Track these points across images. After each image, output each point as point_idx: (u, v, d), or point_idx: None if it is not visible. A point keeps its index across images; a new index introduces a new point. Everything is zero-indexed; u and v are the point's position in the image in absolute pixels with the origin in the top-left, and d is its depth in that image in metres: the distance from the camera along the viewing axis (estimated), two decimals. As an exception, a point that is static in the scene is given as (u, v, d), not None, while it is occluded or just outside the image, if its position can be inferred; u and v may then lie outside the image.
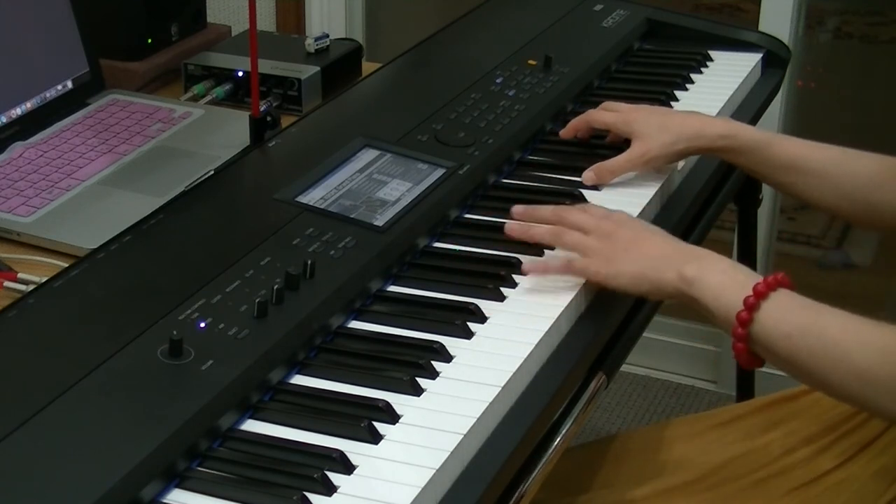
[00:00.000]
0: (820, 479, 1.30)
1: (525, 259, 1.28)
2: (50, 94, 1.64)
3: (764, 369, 2.26)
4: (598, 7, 1.93)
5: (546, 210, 1.31)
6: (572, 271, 1.24)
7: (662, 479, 1.36)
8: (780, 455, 1.33)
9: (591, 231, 1.26)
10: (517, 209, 1.32)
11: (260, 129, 1.53)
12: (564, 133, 1.53)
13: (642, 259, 1.22)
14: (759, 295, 1.13)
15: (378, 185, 1.37)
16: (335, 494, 0.96)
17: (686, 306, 1.20)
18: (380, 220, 1.30)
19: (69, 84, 1.67)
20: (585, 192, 1.44)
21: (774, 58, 1.89)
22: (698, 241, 1.57)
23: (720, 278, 1.17)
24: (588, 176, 1.45)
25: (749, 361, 1.15)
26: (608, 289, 1.24)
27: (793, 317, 1.12)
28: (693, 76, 1.79)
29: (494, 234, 1.35)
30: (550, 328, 1.18)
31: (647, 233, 1.26)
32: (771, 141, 1.42)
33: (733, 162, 1.47)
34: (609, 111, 1.51)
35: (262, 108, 1.54)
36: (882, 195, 1.35)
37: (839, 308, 1.12)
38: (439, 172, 1.41)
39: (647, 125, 1.45)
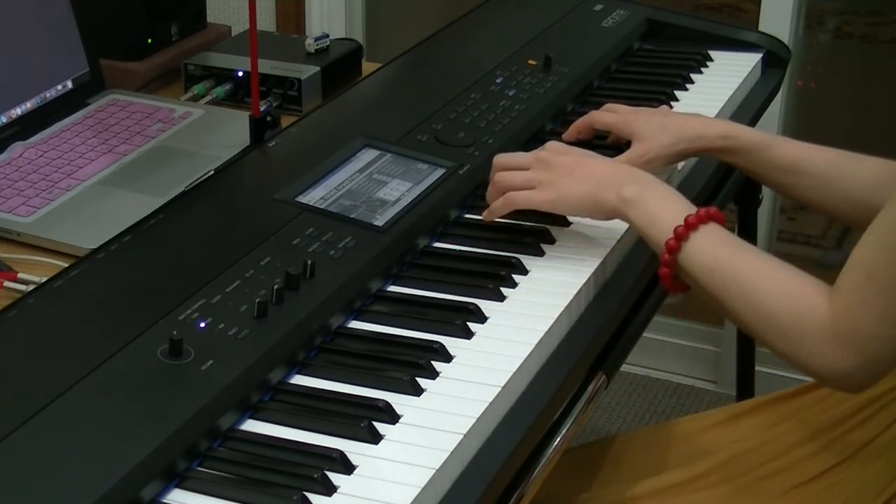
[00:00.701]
0: (820, 477, 1.30)
1: (525, 259, 1.28)
2: (50, 94, 1.64)
3: (763, 369, 2.26)
4: (598, 7, 1.93)
5: (491, 181, 1.35)
6: (517, 202, 1.30)
7: (663, 476, 1.36)
8: (779, 453, 1.33)
9: (530, 165, 1.31)
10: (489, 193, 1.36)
11: (260, 129, 1.53)
12: (567, 135, 1.53)
13: (586, 181, 1.27)
14: (690, 226, 1.18)
15: (378, 185, 1.37)
16: (335, 494, 0.96)
17: (625, 222, 1.26)
18: (380, 220, 1.30)
19: (69, 84, 1.67)
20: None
21: (774, 58, 1.89)
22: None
23: (657, 204, 1.22)
24: None
25: (672, 286, 1.22)
26: (557, 213, 1.31)
27: (715, 251, 1.17)
28: (693, 76, 1.79)
29: (494, 234, 1.35)
30: (550, 328, 1.18)
31: (588, 157, 1.31)
32: (771, 143, 1.42)
33: (733, 163, 1.47)
34: (610, 112, 1.52)
35: (262, 108, 1.54)
36: (881, 198, 1.35)
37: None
38: (439, 172, 1.41)
39: (647, 126, 1.46)
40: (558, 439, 1.16)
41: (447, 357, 1.13)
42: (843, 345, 1.08)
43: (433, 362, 1.12)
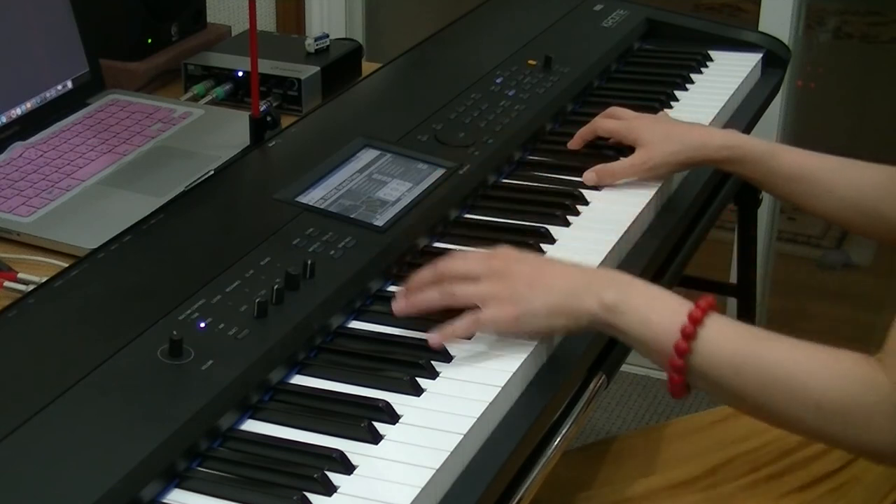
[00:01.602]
0: (822, 480, 1.30)
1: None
2: (50, 94, 1.64)
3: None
4: (598, 7, 1.93)
5: (425, 273, 1.17)
6: (481, 325, 1.12)
7: (663, 476, 1.36)
8: (782, 454, 1.33)
9: (481, 276, 1.14)
10: (399, 292, 1.19)
11: (260, 129, 1.53)
12: (572, 144, 1.53)
13: (551, 292, 1.11)
14: (696, 321, 1.05)
15: (378, 185, 1.37)
16: (335, 494, 0.96)
17: (606, 333, 1.13)
18: (380, 220, 1.30)
19: (69, 84, 1.67)
20: (585, 192, 1.44)
21: (774, 58, 1.89)
22: (698, 242, 1.57)
23: (646, 305, 1.09)
24: (589, 176, 1.45)
25: (681, 392, 1.09)
26: (521, 334, 1.13)
27: (733, 345, 1.05)
28: (693, 76, 1.79)
29: (494, 234, 1.35)
30: (550, 328, 1.18)
31: (545, 262, 1.17)
32: (773, 152, 1.42)
33: (736, 173, 1.47)
34: (614, 118, 1.51)
35: (262, 108, 1.54)
36: (886, 205, 1.35)
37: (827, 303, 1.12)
38: (439, 172, 1.41)
39: (651, 133, 1.46)
40: (558, 439, 1.16)
41: (447, 357, 1.13)
42: None
43: (433, 362, 1.12)
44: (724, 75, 1.81)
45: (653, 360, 1.10)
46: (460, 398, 1.07)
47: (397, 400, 1.07)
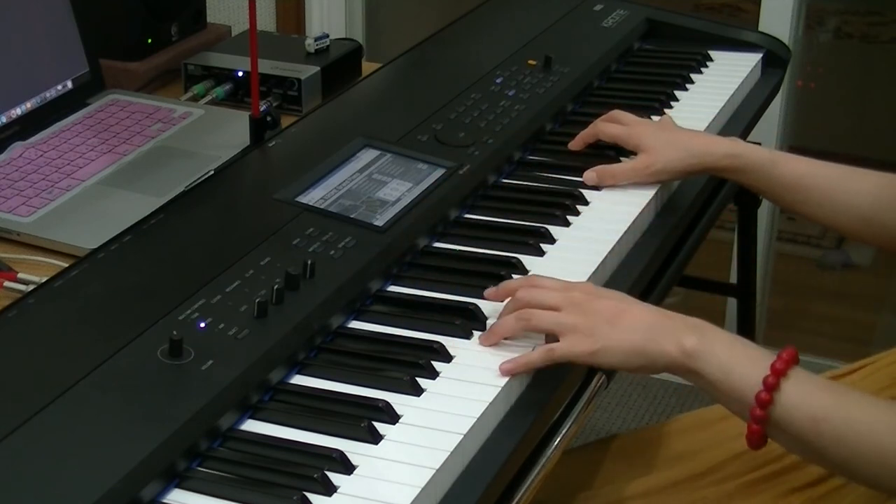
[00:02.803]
0: (824, 480, 1.29)
1: (525, 259, 1.28)
2: (50, 94, 1.64)
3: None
4: (598, 7, 1.93)
5: (505, 309, 1.17)
6: (556, 357, 1.12)
7: (663, 474, 1.36)
8: (782, 454, 1.33)
9: (561, 306, 1.13)
10: (484, 335, 1.17)
11: (260, 129, 1.53)
12: (573, 145, 1.53)
13: (632, 331, 1.11)
14: (778, 373, 1.06)
15: (378, 185, 1.37)
16: (335, 494, 0.96)
17: (682, 378, 1.12)
18: (380, 220, 1.30)
19: (69, 84, 1.67)
20: (585, 192, 1.44)
21: (774, 58, 1.89)
22: (698, 242, 1.57)
23: (728, 352, 1.09)
24: (589, 176, 1.45)
25: (760, 442, 1.09)
26: (595, 367, 1.15)
27: (816, 399, 1.05)
28: (693, 76, 1.79)
29: (494, 234, 1.35)
30: (550, 328, 1.18)
31: (626, 302, 1.15)
32: (774, 160, 1.42)
33: (738, 181, 1.46)
34: (616, 123, 1.51)
35: (262, 108, 1.54)
36: (887, 213, 1.35)
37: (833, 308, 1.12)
38: (439, 172, 1.41)
39: (654, 139, 1.46)
40: (558, 439, 1.16)
41: (447, 357, 1.13)
42: None
43: (433, 362, 1.12)
44: (724, 75, 1.81)
45: (731, 410, 1.10)
46: (460, 398, 1.07)
47: (397, 400, 1.07)
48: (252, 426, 1.04)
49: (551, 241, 1.34)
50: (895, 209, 1.34)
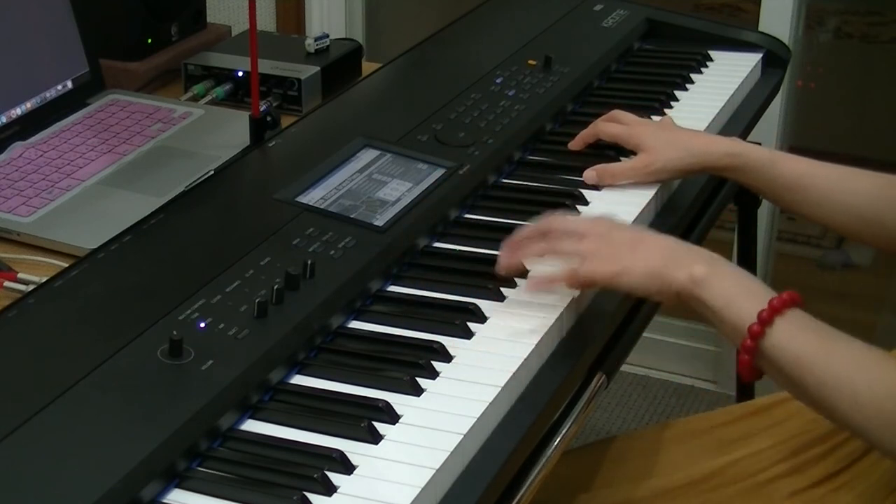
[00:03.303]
0: (822, 483, 1.29)
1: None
2: (50, 94, 1.64)
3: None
4: (598, 7, 1.93)
5: (529, 228, 1.25)
6: (580, 277, 1.20)
7: (663, 479, 1.36)
8: (782, 458, 1.33)
9: (585, 234, 1.21)
10: (504, 244, 1.26)
11: (260, 129, 1.53)
12: (573, 145, 1.53)
13: (651, 257, 1.18)
14: (775, 310, 1.10)
15: (378, 185, 1.37)
16: (335, 494, 0.96)
17: (687, 308, 1.17)
18: (380, 220, 1.30)
19: (69, 84, 1.67)
20: (585, 192, 1.44)
21: (774, 58, 1.89)
22: (698, 242, 1.57)
23: (732, 284, 1.14)
24: (589, 174, 1.46)
25: (750, 374, 1.13)
26: (616, 289, 1.21)
27: (804, 339, 1.10)
28: (693, 76, 1.79)
29: (494, 234, 1.35)
30: (550, 328, 1.18)
31: (646, 233, 1.24)
32: (775, 160, 1.42)
33: (738, 181, 1.47)
34: (616, 122, 1.51)
35: (262, 108, 1.54)
36: (886, 213, 1.35)
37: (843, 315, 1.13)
38: (439, 172, 1.41)
39: (654, 139, 1.46)
40: (558, 439, 1.16)
41: (447, 357, 1.13)
42: None
43: (433, 362, 1.12)
44: (724, 75, 1.81)
45: (728, 339, 1.16)
46: (460, 398, 1.07)
47: (397, 400, 1.07)
48: (252, 426, 1.04)
49: (551, 241, 1.34)
50: (894, 209, 1.34)
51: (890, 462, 1.27)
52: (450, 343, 1.15)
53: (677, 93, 1.73)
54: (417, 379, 1.09)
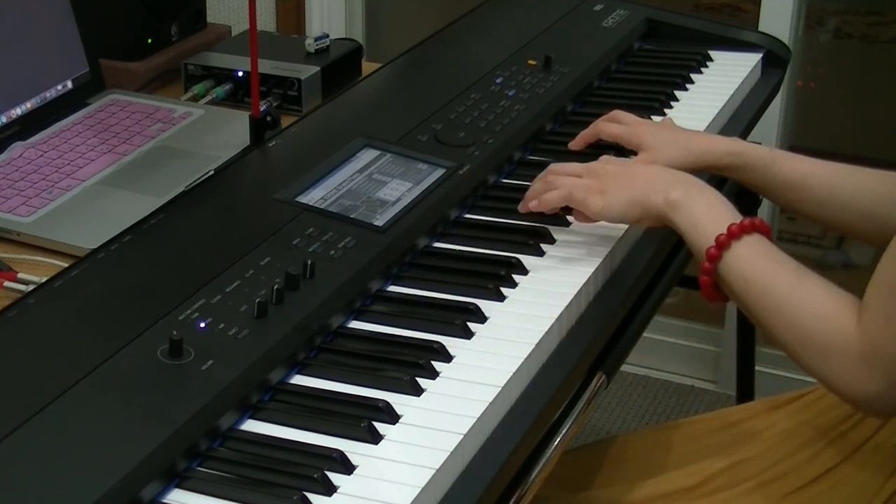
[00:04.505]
0: (819, 479, 1.30)
1: (525, 259, 1.28)
2: (50, 94, 1.64)
3: (763, 369, 2.25)
4: (598, 7, 1.93)
5: (538, 183, 1.36)
6: (574, 200, 1.31)
7: (662, 483, 1.36)
8: (779, 459, 1.33)
9: (581, 174, 1.33)
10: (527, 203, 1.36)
11: (260, 129, 1.53)
12: (574, 145, 1.53)
13: (632, 185, 1.28)
14: (732, 235, 1.18)
15: (378, 185, 1.37)
16: (335, 494, 0.96)
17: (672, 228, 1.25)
18: (380, 220, 1.30)
19: (69, 84, 1.67)
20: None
21: (774, 58, 1.89)
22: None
23: (702, 210, 1.22)
24: None
25: (711, 296, 1.21)
26: (607, 220, 1.30)
27: (754, 263, 1.17)
28: (693, 76, 1.79)
29: (494, 234, 1.35)
30: (550, 328, 1.18)
31: (635, 165, 1.34)
32: (776, 159, 1.42)
33: (739, 180, 1.47)
34: (616, 122, 1.51)
35: (262, 108, 1.54)
36: (886, 210, 1.35)
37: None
38: (439, 172, 1.41)
39: (655, 139, 1.46)
40: (558, 439, 1.16)
41: (447, 357, 1.13)
42: (871, 367, 1.08)
43: (433, 362, 1.12)
44: (724, 75, 1.81)
45: (698, 260, 1.22)
46: (460, 398, 1.07)
47: (397, 400, 1.07)
48: (252, 426, 1.04)
49: (551, 240, 1.34)
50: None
51: (880, 458, 1.27)
52: (450, 343, 1.15)
53: (677, 93, 1.73)
54: (417, 379, 1.09)
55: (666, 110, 1.67)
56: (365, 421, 1.03)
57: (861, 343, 1.08)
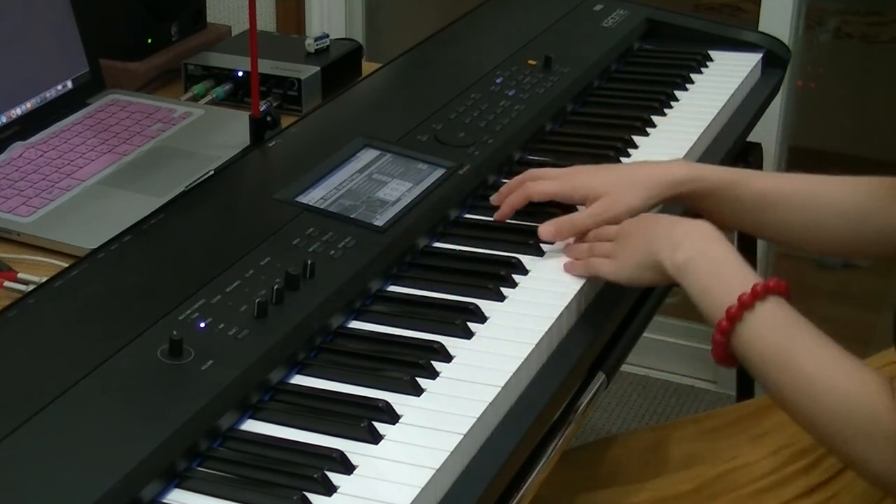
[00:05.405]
0: (818, 489, 1.29)
1: (525, 259, 1.28)
2: (50, 94, 1.64)
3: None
4: (598, 7, 1.93)
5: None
6: (590, 270, 1.26)
7: (660, 486, 1.36)
8: (774, 469, 1.32)
9: (614, 237, 1.26)
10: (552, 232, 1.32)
11: (260, 129, 1.53)
12: (499, 216, 1.37)
13: (640, 247, 1.21)
14: (744, 305, 1.09)
15: (378, 185, 1.37)
16: (335, 494, 0.96)
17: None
18: (380, 220, 1.30)
19: (69, 84, 1.67)
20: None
21: (774, 58, 1.89)
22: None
23: (710, 273, 1.14)
24: (546, 231, 1.32)
25: (724, 362, 1.13)
26: (621, 284, 1.25)
27: (770, 337, 1.09)
28: (693, 76, 1.79)
29: (494, 234, 1.35)
30: (550, 328, 1.18)
31: (650, 219, 1.25)
32: (737, 179, 1.33)
33: (699, 208, 1.36)
34: (545, 179, 1.36)
35: (262, 108, 1.54)
36: (860, 224, 1.29)
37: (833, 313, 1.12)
38: (439, 172, 1.41)
39: (601, 182, 1.33)
40: (558, 439, 1.16)
41: (447, 357, 1.13)
42: None
43: (433, 362, 1.12)
44: (724, 75, 1.81)
45: (710, 325, 1.14)
46: (460, 398, 1.07)
47: (397, 400, 1.07)
48: (252, 426, 1.04)
49: (551, 241, 1.34)
50: (886, 210, 1.28)
51: None
52: (450, 343, 1.15)
53: (677, 93, 1.73)
54: (417, 379, 1.09)
55: (666, 110, 1.67)
56: (365, 421, 1.03)
57: (894, 422, 1.03)
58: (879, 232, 1.29)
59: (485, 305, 1.21)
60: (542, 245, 1.33)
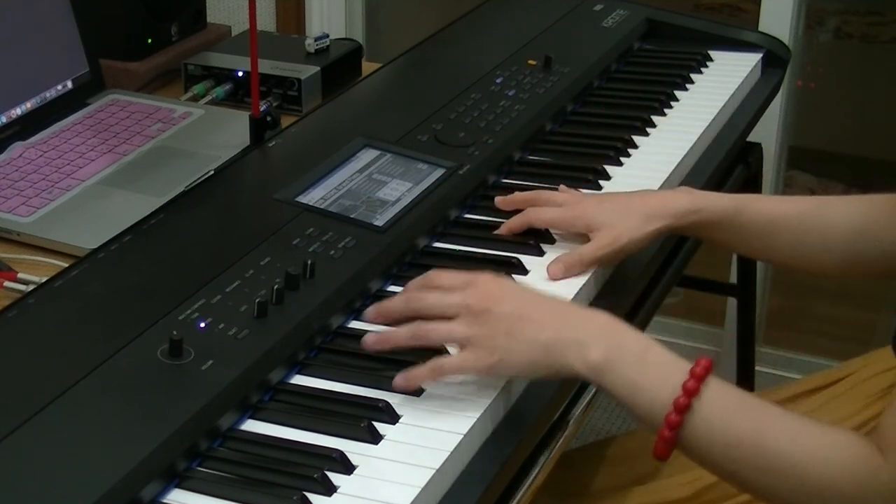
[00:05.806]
0: None
1: (525, 258, 1.28)
2: (50, 94, 1.64)
3: (763, 369, 2.24)
4: (598, 7, 1.93)
5: (397, 303, 1.12)
6: (447, 372, 1.07)
7: (657, 490, 1.36)
8: None
9: (456, 314, 1.07)
10: (369, 313, 1.14)
11: (260, 129, 1.53)
12: (500, 232, 1.34)
13: (532, 343, 1.05)
14: (691, 393, 0.99)
15: (378, 185, 1.37)
16: (335, 494, 0.96)
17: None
18: (380, 220, 1.30)
19: (69, 84, 1.67)
20: (584, 191, 1.43)
21: (774, 58, 1.89)
22: (698, 242, 1.57)
23: (636, 367, 1.02)
24: (554, 270, 1.26)
25: (667, 457, 1.03)
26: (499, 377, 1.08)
27: (731, 421, 1.00)
28: (693, 76, 1.79)
29: (495, 235, 1.35)
30: (550, 328, 1.17)
31: (528, 306, 1.07)
32: (740, 207, 1.30)
33: (704, 237, 1.35)
34: (549, 205, 1.34)
35: (262, 108, 1.54)
36: (866, 243, 1.28)
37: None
38: (439, 172, 1.41)
39: (604, 214, 1.30)
40: (558, 440, 1.16)
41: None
42: None
43: (433, 362, 1.12)
44: (724, 75, 1.81)
45: (641, 425, 1.04)
46: (460, 398, 1.07)
47: (397, 400, 1.07)
48: (252, 426, 1.04)
49: (551, 240, 1.34)
50: (877, 237, 1.27)
51: None
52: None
53: (677, 93, 1.73)
54: (417, 379, 1.09)
55: (666, 110, 1.67)
56: (365, 421, 1.03)
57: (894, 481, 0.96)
58: (888, 249, 1.27)
59: (485, 305, 1.21)
60: (542, 245, 1.32)
